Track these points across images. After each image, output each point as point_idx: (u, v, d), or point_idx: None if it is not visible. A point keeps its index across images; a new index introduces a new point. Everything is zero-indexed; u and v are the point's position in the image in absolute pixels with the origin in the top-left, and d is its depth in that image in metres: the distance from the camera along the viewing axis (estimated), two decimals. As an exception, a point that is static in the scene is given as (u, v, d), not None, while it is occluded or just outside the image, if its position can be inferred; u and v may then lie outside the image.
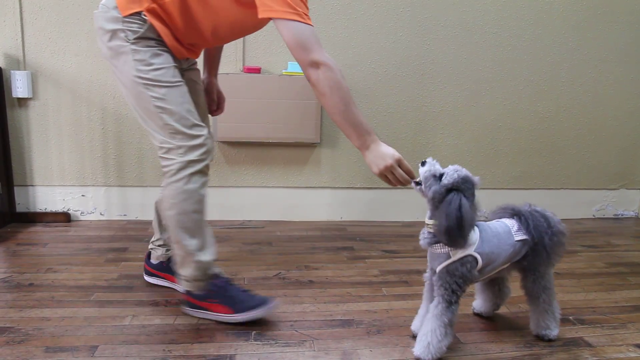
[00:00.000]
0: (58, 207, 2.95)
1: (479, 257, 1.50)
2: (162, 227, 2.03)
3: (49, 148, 2.87)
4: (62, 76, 2.82)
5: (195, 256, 1.71)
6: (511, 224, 1.61)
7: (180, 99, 1.66)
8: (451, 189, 1.46)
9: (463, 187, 1.46)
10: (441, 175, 1.48)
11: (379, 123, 3.06)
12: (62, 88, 2.82)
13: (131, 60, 1.62)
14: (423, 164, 1.51)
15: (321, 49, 1.55)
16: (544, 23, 3.09)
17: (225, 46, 2.86)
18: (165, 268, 2.05)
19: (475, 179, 1.50)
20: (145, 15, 1.60)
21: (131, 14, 1.59)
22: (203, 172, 1.70)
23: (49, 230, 2.75)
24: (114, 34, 1.61)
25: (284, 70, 2.87)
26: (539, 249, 1.57)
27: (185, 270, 1.74)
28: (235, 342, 1.63)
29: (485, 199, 3.21)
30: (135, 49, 1.61)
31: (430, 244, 1.52)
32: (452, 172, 1.47)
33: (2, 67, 2.73)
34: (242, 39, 2.86)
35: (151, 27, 1.62)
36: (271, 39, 2.90)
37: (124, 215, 3.00)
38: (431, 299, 1.58)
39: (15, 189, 2.88)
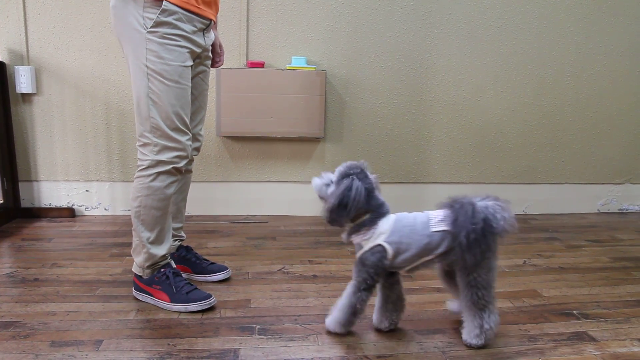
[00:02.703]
0: (62, 203, 2.95)
1: (388, 246, 1.52)
2: None
3: (53, 143, 2.88)
4: (66, 71, 2.82)
5: (148, 247, 1.81)
6: (435, 215, 1.55)
7: (174, 100, 1.70)
8: (343, 177, 1.53)
9: (352, 172, 1.52)
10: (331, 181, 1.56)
11: (382, 117, 3.06)
12: (66, 83, 2.83)
13: (143, 48, 1.65)
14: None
15: None
16: (549, 17, 3.08)
17: (229, 41, 2.87)
18: (177, 259, 2.07)
19: (360, 162, 1.57)
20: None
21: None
22: (171, 173, 1.77)
23: (53, 226, 2.77)
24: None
25: (287, 65, 2.87)
26: (456, 244, 1.48)
27: (137, 257, 1.85)
28: (239, 336, 1.63)
29: (490, 194, 3.21)
30: (150, 39, 1.64)
31: (348, 235, 1.60)
32: (339, 168, 1.56)
33: (6, 63, 2.73)
34: (245, 33, 2.86)
35: (169, 9, 1.63)
36: (275, 33, 2.90)
37: (128, 210, 3.00)
38: (383, 289, 1.66)
39: (20, 184, 2.89)
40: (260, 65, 2.83)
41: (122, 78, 2.85)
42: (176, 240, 2.08)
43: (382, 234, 1.53)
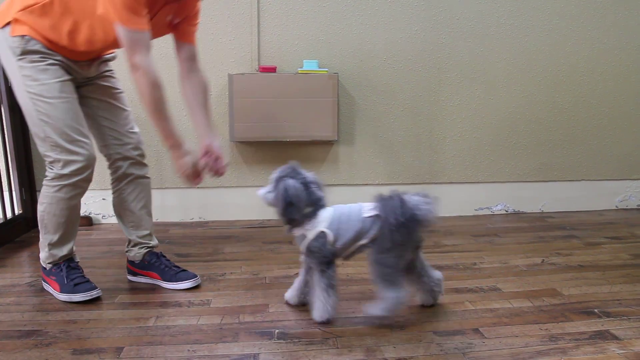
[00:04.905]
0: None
1: (329, 232, 1.70)
2: (127, 230, 2.12)
3: (70, 153, 2.91)
4: (81, 81, 2.84)
5: (49, 247, 1.93)
6: (367, 205, 1.74)
7: (63, 115, 1.77)
8: (277, 182, 1.73)
9: (283, 175, 1.73)
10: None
11: (395, 118, 3.05)
12: (81, 93, 2.85)
13: (19, 75, 1.75)
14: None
15: (144, 54, 1.69)
16: (561, 12, 3.05)
17: (240, 46, 2.88)
18: (147, 266, 2.10)
19: (290, 164, 1.77)
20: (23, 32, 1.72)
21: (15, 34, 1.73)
22: (76, 185, 1.84)
23: (71, 234, 2.79)
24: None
25: (299, 69, 2.88)
26: (386, 225, 1.66)
27: (41, 253, 1.98)
28: (258, 341, 1.63)
29: (505, 193, 3.20)
30: (22, 65, 1.74)
31: (289, 231, 1.76)
32: (272, 175, 1.76)
33: (21, 75, 2.77)
34: (256, 38, 2.87)
35: (31, 40, 1.73)
36: (286, 37, 2.91)
37: (145, 217, 3.02)
38: (305, 275, 1.83)
39: (38, 194, 2.91)
40: (272, 70, 2.84)
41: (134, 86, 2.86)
42: (142, 247, 2.10)
43: (323, 221, 1.71)
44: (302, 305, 1.86)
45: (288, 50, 2.93)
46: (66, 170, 1.79)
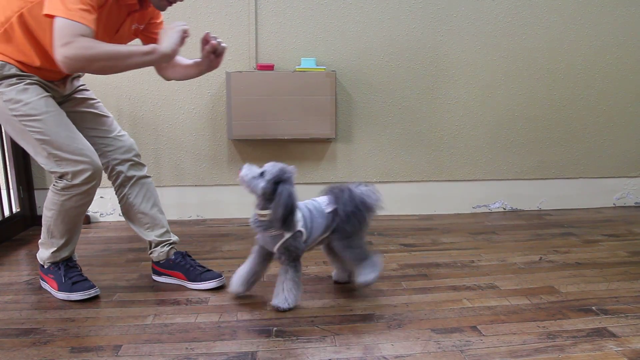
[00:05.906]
0: (78, 209, 2.98)
1: (304, 230, 1.81)
2: (144, 232, 2.09)
3: (67, 151, 2.90)
4: (78, 79, 2.84)
5: (53, 250, 1.93)
6: (322, 200, 1.90)
7: (56, 128, 1.75)
8: (277, 181, 1.73)
9: (285, 178, 1.74)
10: (262, 172, 1.75)
11: (393, 117, 3.05)
12: (78, 91, 2.85)
13: (1, 102, 1.72)
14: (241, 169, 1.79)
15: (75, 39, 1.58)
16: (558, 10, 3.05)
17: (238, 44, 2.88)
18: (172, 265, 2.08)
19: (291, 167, 1.78)
20: None
21: None
22: (87, 192, 1.82)
23: (69, 232, 2.78)
24: None
25: (297, 67, 2.87)
26: (338, 218, 1.85)
27: (43, 251, 1.97)
28: (256, 339, 1.63)
29: (503, 190, 3.20)
30: (1, 91, 1.71)
31: (266, 229, 1.80)
32: (270, 168, 1.75)
33: (19, 73, 2.76)
34: (254, 36, 2.87)
35: (6, 65, 1.71)
36: (283, 35, 2.91)
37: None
38: (254, 265, 1.91)
39: (36, 192, 2.92)
40: (270, 67, 2.84)
41: (133, 84, 2.87)
42: (164, 245, 2.08)
43: (298, 221, 1.80)
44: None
45: (286, 48, 2.93)
46: (77, 180, 1.77)
